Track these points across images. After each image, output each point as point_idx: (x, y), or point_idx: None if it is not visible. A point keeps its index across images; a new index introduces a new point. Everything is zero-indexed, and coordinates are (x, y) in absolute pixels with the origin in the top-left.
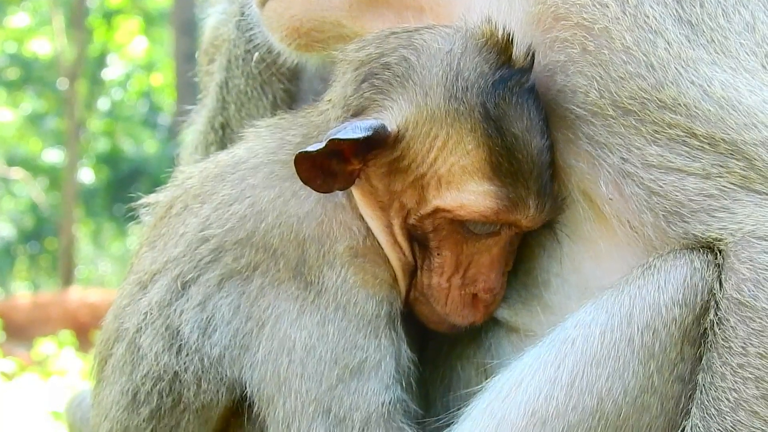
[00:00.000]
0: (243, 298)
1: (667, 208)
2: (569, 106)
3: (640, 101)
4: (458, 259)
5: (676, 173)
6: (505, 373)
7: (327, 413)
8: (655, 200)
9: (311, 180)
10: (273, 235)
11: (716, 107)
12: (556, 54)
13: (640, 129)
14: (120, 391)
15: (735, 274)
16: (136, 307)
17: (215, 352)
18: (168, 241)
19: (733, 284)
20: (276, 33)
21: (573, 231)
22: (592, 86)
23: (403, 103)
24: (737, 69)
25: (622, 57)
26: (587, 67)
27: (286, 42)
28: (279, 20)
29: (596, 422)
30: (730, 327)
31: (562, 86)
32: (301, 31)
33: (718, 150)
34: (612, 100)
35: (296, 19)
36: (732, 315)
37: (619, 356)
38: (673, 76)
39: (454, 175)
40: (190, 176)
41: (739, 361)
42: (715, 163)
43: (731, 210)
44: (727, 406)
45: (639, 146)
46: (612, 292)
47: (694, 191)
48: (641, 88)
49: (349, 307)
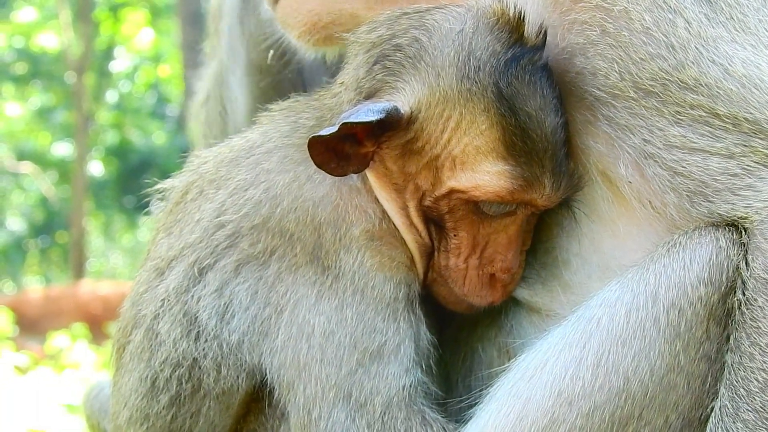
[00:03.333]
0: (260, 283)
1: (691, 188)
2: (588, 89)
3: (661, 82)
4: (475, 239)
5: (700, 153)
6: (530, 354)
7: (348, 398)
8: (679, 180)
9: (325, 163)
10: (289, 219)
11: (738, 86)
12: (575, 36)
13: (661, 110)
14: (139, 378)
15: (762, 253)
16: (154, 293)
17: (234, 338)
18: (184, 227)
19: (761, 264)
20: (293, 30)
21: (591, 210)
22: (613, 68)
23: (415, 85)
24: (757, 46)
25: (642, 38)
26: (607, 49)
27: (304, 38)
28: (295, 16)
29: (623, 402)
30: (758, 307)
31: (581, 68)
32: (320, 25)
33: (741, 129)
34: (633, 82)
35: (314, 13)
36: (760, 295)
37: (645, 335)
38: (693, 55)
39: (468, 155)
40: (205, 161)
41: (767, 341)
42: (739, 143)
43: (756, 188)
44: (756, 387)
45: (661, 127)
46: (637, 270)
47: (717, 171)
48: (662, 69)
49: (367, 291)
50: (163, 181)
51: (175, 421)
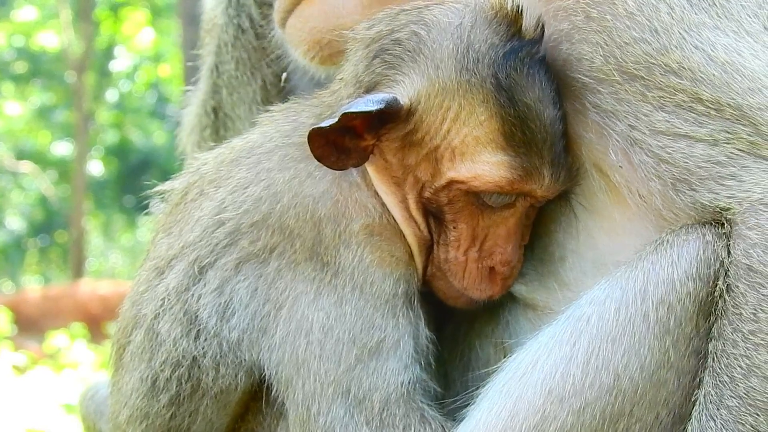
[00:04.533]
0: (260, 280)
1: (675, 175)
2: (575, 75)
3: (645, 66)
4: (474, 231)
5: (684, 140)
6: (521, 353)
7: (346, 394)
8: (663, 168)
9: (325, 157)
10: (289, 216)
11: (720, 72)
12: (560, 23)
13: (646, 95)
14: (139, 378)
15: (743, 240)
16: (154, 293)
17: (234, 336)
18: (184, 226)
19: (742, 250)
20: (299, 48)
21: (588, 203)
22: (597, 53)
23: (414, 77)
24: (739, 32)
25: (625, 22)
26: (591, 34)
27: (309, 56)
28: (300, 35)
29: (613, 398)
30: (740, 293)
31: (568, 55)
32: (323, 42)
33: (724, 115)
34: (617, 66)
35: (316, 31)
36: (741, 281)
37: (635, 332)
38: (677, 40)
39: (467, 146)
40: (205, 162)
41: (750, 327)
42: (722, 129)
43: (739, 178)
44: (740, 373)
45: (646, 113)
46: (625, 268)
47: (702, 158)
48: (646, 53)
49: (366, 287)
50: (163, 183)
51: (174, 419)
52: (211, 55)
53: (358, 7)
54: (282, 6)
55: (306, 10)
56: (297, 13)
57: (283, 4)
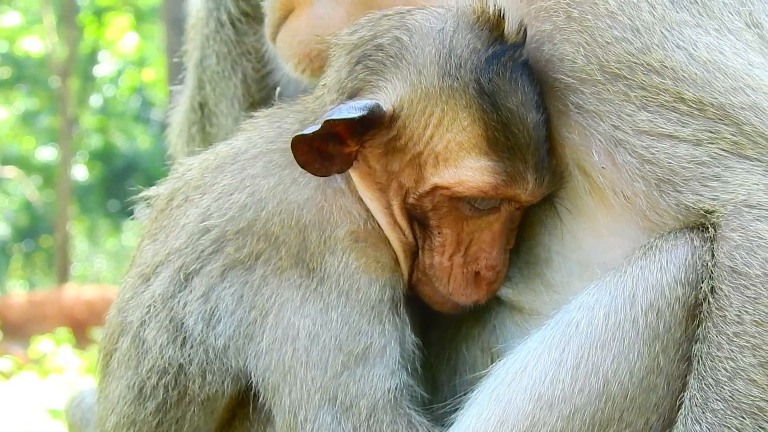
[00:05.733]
0: (246, 287)
1: (660, 176)
2: (558, 76)
3: (627, 65)
4: (459, 236)
5: (668, 140)
6: (510, 357)
7: (333, 401)
8: (648, 168)
9: (309, 164)
10: (274, 222)
11: (703, 71)
12: (542, 24)
13: (629, 94)
14: (126, 385)
15: (726, 242)
16: (140, 300)
17: (220, 343)
18: (170, 233)
19: (725, 252)
20: (289, 61)
21: (573, 205)
22: (579, 52)
23: (397, 83)
24: (721, 31)
25: (607, 22)
26: (573, 34)
27: (299, 69)
28: (290, 49)
29: (603, 404)
30: (724, 296)
31: (550, 55)
32: (312, 55)
33: (706, 115)
34: (599, 65)
35: (305, 44)
36: (725, 283)
37: (624, 337)
38: (659, 39)
39: (450, 151)
40: (190, 168)
41: (734, 329)
42: (705, 129)
43: (723, 179)
44: (725, 376)
45: (629, 113)
46: (614, 273)
47: (685, 158)
48: (628, 52)
49: (352, 293)
50: (149, 188)
51: (161, 426)
52: (197, 50)
53: (345, 17)
54: (271, 21)
55: (294, 24)
56: (286, 28)
57: (272, 19)
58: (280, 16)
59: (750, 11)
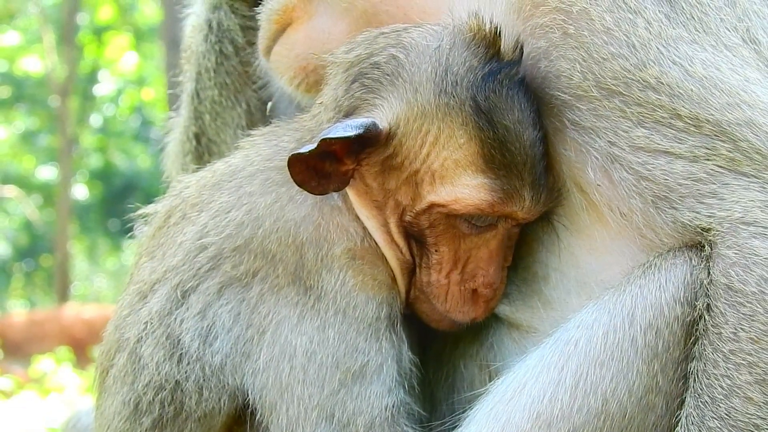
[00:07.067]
0: (243, 305)
1: (656, 192)
2: (554, 92)
3: (623, 81)
4: (456, 254)
5: (664, 156)
6: (509, 376)
7: (330, 418)
8: (644, 185)
9: (306, 182)
10: (271, 240)
11: (698, 87)
12: (538, 40)
13: (625, 111)
14: (122, 401)
15: (722, 259)
16: (137, 317)
17: (216, 360)
18: (167, 250)
19: (721, 269)
20: (284, 75)
21: (570, 222)
22: (575, 69)
23: (393, 101)
24: (717, 47)
25: (603, 38)
26: (569, 50)
27: (294, 83)
28: (286, 63)
29: (601, 423)
30: (720, 313)
31: (546, 72)
32: (308, 69)
33: (702, 131)
34: (596, 82)
35: (302, 58)
36: (720, 300)
37: (623, 357)
38: (654, 55)
39: (447, 169)
40: (188, 185)
41: (730, 347)
42: (701, 145)
43: (719, 195)
44: (721, 393)
45: (626, 129)
46: (613, 292)
47: (682, 175)
48: (624, 69)
49: (349, 311)
50: (147, 206)
51: None
52: (191, 81)
53: (344, 32)
54: (266, 34)
55: (291, 37)
56: (282, 41)
57: (267, 32)
58: (277, 29)
59: (747, 27)
